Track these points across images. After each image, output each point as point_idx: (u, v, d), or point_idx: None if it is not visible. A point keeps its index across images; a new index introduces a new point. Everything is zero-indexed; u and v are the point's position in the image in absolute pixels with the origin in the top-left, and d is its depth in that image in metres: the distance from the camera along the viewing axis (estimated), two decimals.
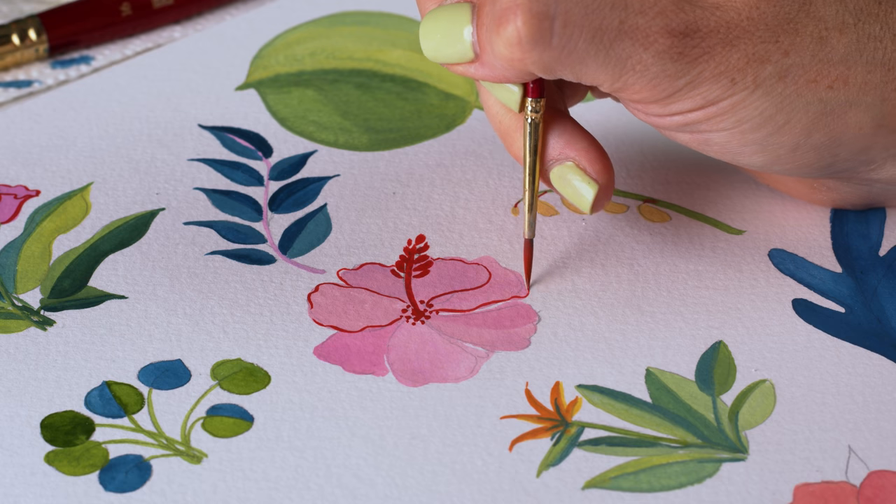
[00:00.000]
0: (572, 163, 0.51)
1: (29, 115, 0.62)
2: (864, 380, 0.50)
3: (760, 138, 0.49)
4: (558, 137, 0.51)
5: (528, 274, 0.53)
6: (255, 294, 0.53)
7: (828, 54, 0.48)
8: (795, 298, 0.53)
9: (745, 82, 0.48)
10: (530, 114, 0.50)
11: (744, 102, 0.48)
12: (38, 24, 0.65)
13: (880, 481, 0.46)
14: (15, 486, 0.46)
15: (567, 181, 0.51)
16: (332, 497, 0.46)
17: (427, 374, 0.50)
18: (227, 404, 0.49)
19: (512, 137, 0.52)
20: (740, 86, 0.48)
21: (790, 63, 0.48)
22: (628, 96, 0.48)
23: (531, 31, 0.46)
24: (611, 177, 0.51)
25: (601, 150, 0.51)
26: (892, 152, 0.51)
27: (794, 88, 0.48)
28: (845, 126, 0.49)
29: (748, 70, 0.47)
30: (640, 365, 0.50)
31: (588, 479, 0.47)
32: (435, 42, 0.49)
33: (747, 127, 0.49)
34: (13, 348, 0.51)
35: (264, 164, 0.59)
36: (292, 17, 0.68)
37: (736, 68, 0.47)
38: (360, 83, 0.64)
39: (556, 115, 0.51)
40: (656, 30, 0.47)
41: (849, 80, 0.48)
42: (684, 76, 0.47)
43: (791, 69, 0.48)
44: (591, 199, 0.50)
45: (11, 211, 0.57)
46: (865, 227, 0.55)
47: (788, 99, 0.48)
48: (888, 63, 0.49)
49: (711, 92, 0.48)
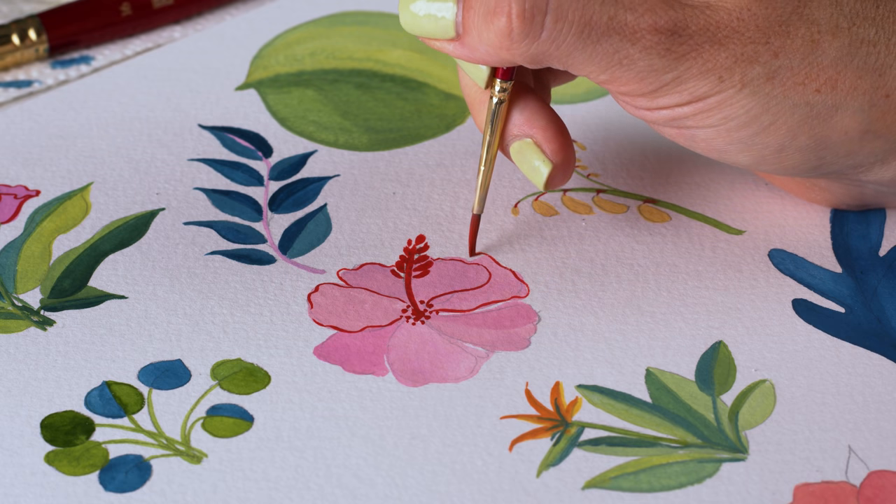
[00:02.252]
0: (531, 140, 0.51)
1: (29, 115, 0.62)
2: (864, 380, 0.50)
3: (746, 137, 0.49)
4: (521, 113, 0.51)
5: (473, 246, 0.54)
6: (255, 294, 0.53)
7: (818, 57, 0.48)
8: (795, 298, 0.53)
9: (732, 81, 0.48)
10: (497, 93, 0.51)
11: (730, 100, 0.48)
12: (38, 24, 0.65)
13: (880, 481, 0.46)
14: (15, 486, 0.46)
15: (524, 157, 0.51)
16: (332, 497, 0.46)
17: (427, 374, 0.50)
18: (227, 404, 0.49)
19: (478, 109, 0.52)
20: (727, 84, 0.48)
21: (779, 65, 0.48)
22: (615, 88, 0.49)
23: (523, 25, 0.47)
24: (567, 156, 0.51)
25: (560, 130, 0.51)
26: (879, 157, 0.50)
27: (781, 90, 0.48)
28: (831, 130, 0.49)
29: (736, 69, 0.48)
30: (640, 365, 0.50)
31: (588, 479, 0.47)
32: (415, 14, 0.49)
33: (733, 125, 0.49)
34: (13, 348, 0.51)
35: (264, 164, 0.59)
36: (292, 17, 0.68)
37: (724, 67, 0.48)
38: (360, 83, 0.64)
39: (523, 91, 0.51)
40: (644, 27, 0.47)
41: (837, 83, 0.48)
42: (671, 71, 0.48)
43: (780, 71, 0.48)
44: (545, 177, 0.51)
45: (11, 211, 0.57)
46: (865, 227, 0.55)
47: (775, 100, 0.48)
48: (880, 68, 0.49)
49: (698, 88, 0.48)
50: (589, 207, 0.57)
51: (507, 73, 0.50)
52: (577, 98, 0.62)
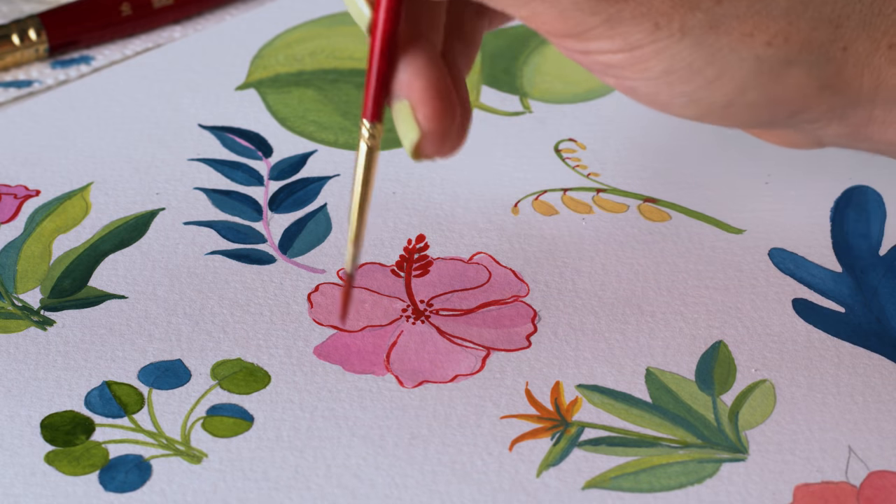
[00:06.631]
0: (407, 102, 0.45)
1: (29, 115, 0.62)
2: (864, 380, 0.50)
3: (690, 91, 0.44)
4: (405, 69, 0.45)
5: (345, 309, 0.49)
6: (255, 294, 0.53)
7: (767, 6, 0.43)
8: (795, 298, 0.53)
9: (670, 28, 0.43)
10: (366, 139, 0.46)
11: (669, 50, 0.43)
12: (38, 24, 0.65)
13: (880, 481, 0.46)
14: (15, 486, 0.46)
15: (398, 121, 0.46)
16: (332, 497, 0.46)
17: (427, 374, 0.50)
18: (227, 404, 0.49)
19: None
20: (665, 31, 0.43)
21: (723, 12, 0.43)
22: (537, 26, 0.44)
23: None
24: (442, 125, 0.45)
25: (441, 93, 0.45)
26: (837, 113, 0.46)
27: (726, 41, 0.43)
28: (784, 87, 0.45)
29: (674, 15, 0.43)
30: (640, 365, 0.50)
31: (588, 479, 0.47)
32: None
33: (675, 78, 0.44)
34: (13, 348, 0.51)
35: (264, 163, 0.59)
36: (292, 17, 0.68)
37: (660, 12, 0.43)
38: (360, 83, 0.64)
39: (415, 43, 0.45)
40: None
41: (790, 36, 0.44)
42: (600, 13, 0.43)
43: (724, 19, 0.43)
44: (410, 146, 0.45)
45: (11, 211, 0.57)
46: (865, 226, 0.55)
47: (720, 52, 0.43)
48: (836, 19, 0.44)
49: (632, 34, 0.43)
50: (589, 207, 0.57)
51: (374, 113, 0.45)
52: (578, 98, 0.62)
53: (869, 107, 0.46)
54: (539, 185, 0.58)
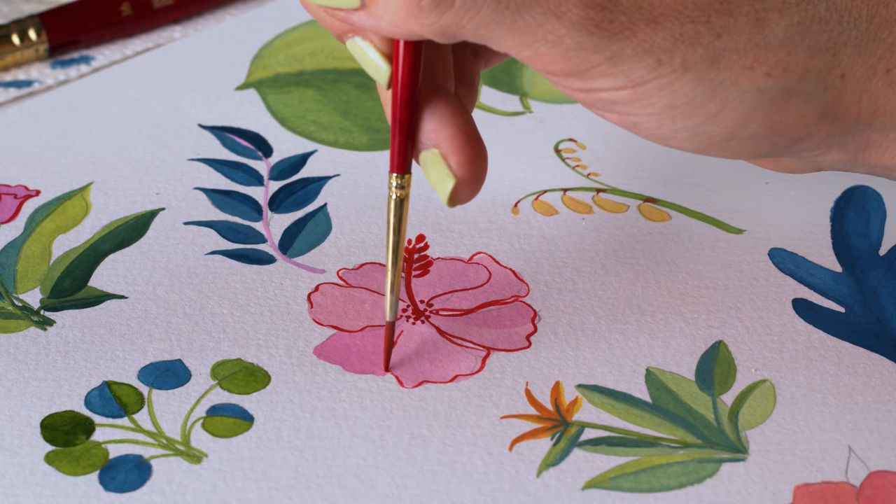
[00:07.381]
0: (437, 151, 0.46)
1: (29, 115, 0.62)
2: (864, 380, 0.50)
3: (692, 126, 0.45)
4: (430, 119, 0.46)
5: (388, 357, 0.50)
6: (255, 294, 0.53)
7: (766, 38, 0.44)
8: (795, 298, 0.53)
9: (672, 64, 0.43)
10: (395, 190, 0.47)
11: (672, 86, 0.44)
12: (38, 24, 0.65)
13: (880, 481, 0.46)
14: (15, 486, 0.46)
15: (430, 169, 0.46)
16: (332, 497, 0.46)
17: (427, 374, 0.50)
18: (227, 404, 0.49)
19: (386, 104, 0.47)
20: (667, 68, 0.44)
21: (723, 46, 0.44)
22: (541, 67, 0.44)
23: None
24: (475, 170, 0.46)
25: (470, 140, 0.46)
26: (836, 139, 0.47)
27: (727, 75, 0.44)
28: (785, 116, 0.45)
29: (676, 51, 0.43)
30: (640, 365, 0.50)
31: (588, 479, 0.47)
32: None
33: (677, 113, 0.45)
34: (13, 348, 0.51)
35: (264, 163, 0.59)
36: (292, 17, 0.68)
37: (662, 48, 0.43)
38: (360, 83, 0.64)
39: (435, 94, 0.47)
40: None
41: (789, 66, 0.44)
42: (602, 51, 0.43)
43: (724, 53, 0.44)
44: (448, 192, 0.46)
45: (11, 211, 0.57)
46: (865, 226, 0.55)
47: (722, 86, 0.44)
48: (833, 47, 0.45)
49: (635, 71, 0.44)
50: (589, 207, 0.57)
51: (401, 165, 0.46)
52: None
53: (867, 132, 0.47)
54: (539, 185, 0.58)
